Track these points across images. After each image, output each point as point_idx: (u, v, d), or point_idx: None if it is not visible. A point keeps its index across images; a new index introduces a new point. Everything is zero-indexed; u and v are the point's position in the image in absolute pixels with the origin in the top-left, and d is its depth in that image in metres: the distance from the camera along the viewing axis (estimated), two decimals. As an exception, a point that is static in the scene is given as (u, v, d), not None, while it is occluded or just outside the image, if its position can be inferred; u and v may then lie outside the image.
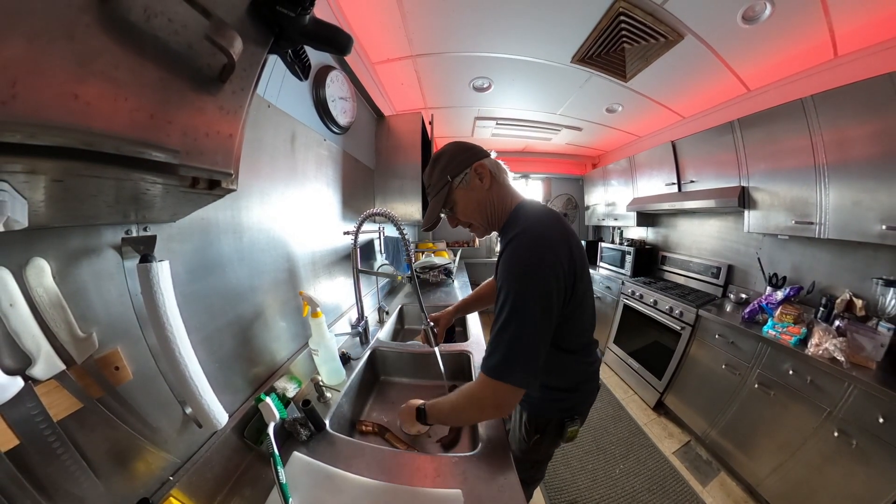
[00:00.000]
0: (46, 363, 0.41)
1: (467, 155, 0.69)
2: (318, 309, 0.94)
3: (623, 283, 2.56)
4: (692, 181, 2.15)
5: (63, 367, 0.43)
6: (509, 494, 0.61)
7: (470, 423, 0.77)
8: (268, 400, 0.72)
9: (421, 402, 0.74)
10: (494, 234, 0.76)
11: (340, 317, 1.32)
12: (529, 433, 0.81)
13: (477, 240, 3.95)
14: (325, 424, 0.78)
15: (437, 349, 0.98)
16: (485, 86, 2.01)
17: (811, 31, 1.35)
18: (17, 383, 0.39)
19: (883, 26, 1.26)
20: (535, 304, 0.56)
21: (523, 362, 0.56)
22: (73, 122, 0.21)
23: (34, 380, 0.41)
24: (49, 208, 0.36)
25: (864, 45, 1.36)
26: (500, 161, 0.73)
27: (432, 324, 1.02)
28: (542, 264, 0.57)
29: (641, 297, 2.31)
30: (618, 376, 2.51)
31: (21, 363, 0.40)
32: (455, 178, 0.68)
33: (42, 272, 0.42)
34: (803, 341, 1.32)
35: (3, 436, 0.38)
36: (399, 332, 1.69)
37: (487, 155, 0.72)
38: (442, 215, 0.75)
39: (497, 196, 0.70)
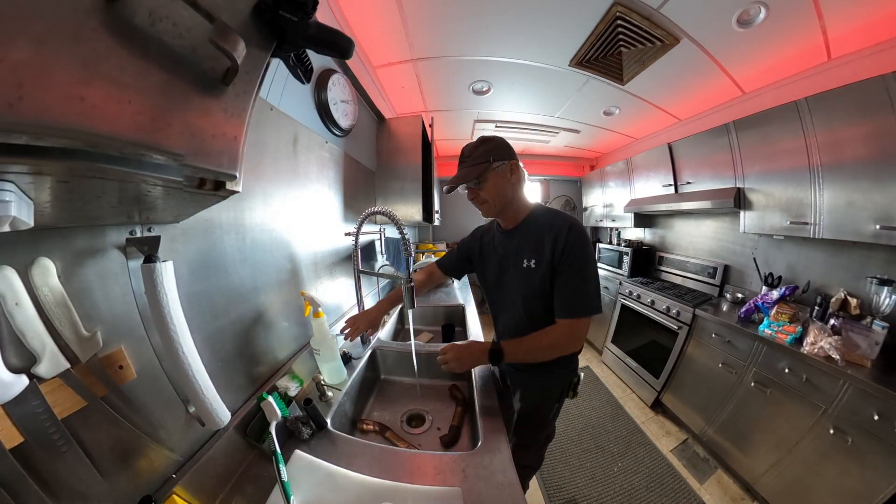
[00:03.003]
0: (51, 361, 0.42)
1: (510, 151, 0.86)
2: (320, 309, 0.94)
3: (621, 284, 2.57)
4: (688, 182, 2.17)
5: (67, 365, 0.43)
6: (509, 492, 0.62)
7: (545, 359, 0.86)
8: (270, 399, 0.72)
9: (486, 343, 0.86)
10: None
11: (342, 317, 1.32)
12: (551, 394, 0.96)
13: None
14: (326, 423, 0.79)
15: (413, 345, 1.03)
16: (484, 89, 2.02)
17: (805, 35, 1.37)
18: (22, 381, 0.39)
19: (875, 29, 1.28)
20: (594, 260, 0.81)
21: (599, 301, 0.80)
22: (78, 125, 0.21)
23: (39, 378, 0.41)
24: (54, 209, 0.37)
25: (857, 47, 1.38)
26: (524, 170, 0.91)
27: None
28: (589, 242, 0.82)
29: (639, 296, 2.32)
30: (616, 375, 2.52)
31: (26, 361, 0.41)
32: (496, 162, 0.82)
33: (47, 272, 0.42)
34: (799, 340, 1.34)
35: (7, 433, 0.38)
36: (400, 332, 1.69)
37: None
38: (462, 189, 0.87)
39: (515, 192, 0.87)
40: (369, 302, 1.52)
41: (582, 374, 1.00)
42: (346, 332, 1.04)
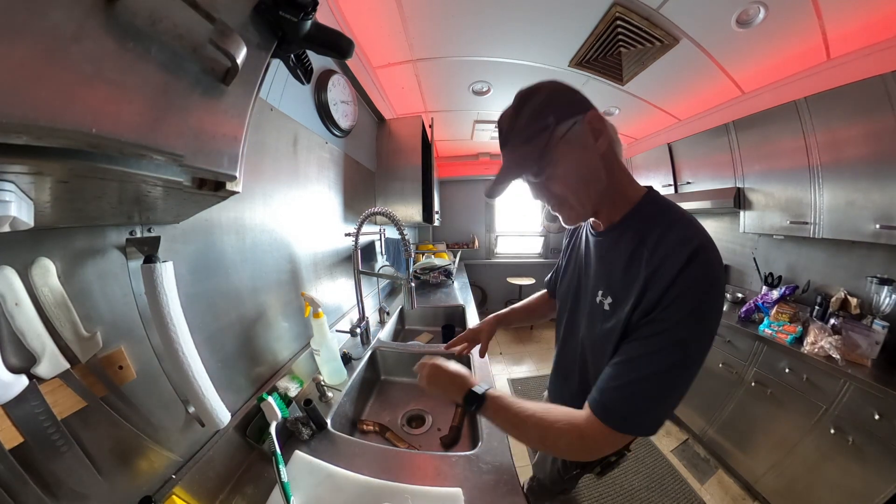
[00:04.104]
0: (51, 362, 0.42)
1: (578, 97, 0.48)
2: (320, 309, 0.94)
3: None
4: (688, 182, 2.17)
5: (67, 365, 0.43)
6: (509, 492, 0.61)
7: (534, 448, 0.66)
8: (270, 399, 0.72)
9: (475, 382, 0.57)
10: (493, 236, 0.64)
11: (342, 317, 1.32)
12: (569, 468, 0.74)
13: (476, 241, 3.96)
14: (326, 423, 0.79)
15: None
16: (484, 90, 2.02)
17: (804, 35, 1.37)
18: (22, 381, 0.39)
19: (874, 29, 1.28)
20: (703, 352, 0.43)
21: (663, 413, 0.44)
22: (78, 125, 0.21)
23: (39, 378, 0.41)
24: (54, 209, 0.37)
25: (856, 47, 1.38)
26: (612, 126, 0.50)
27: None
28: (720, 300, 0.43)
29: (640, 297, 2.32)
30: (617, 376, 2.51)
31: (26, 362, 0.41)
32: (562, 123, 0.45)
33: (47, 272, 0.42)
34: (799, 339, 1.34)
35: (7, 433, 0.38)
36: (400, 333, 1.69)
37: (597, 111, 0.48)
38: (514, 181, 0.51)
39: (610, 169, 0.49)
40: (369, 302, 1.52)
41: (627, 454, 0.67)
42: (459, 348, 0.91)
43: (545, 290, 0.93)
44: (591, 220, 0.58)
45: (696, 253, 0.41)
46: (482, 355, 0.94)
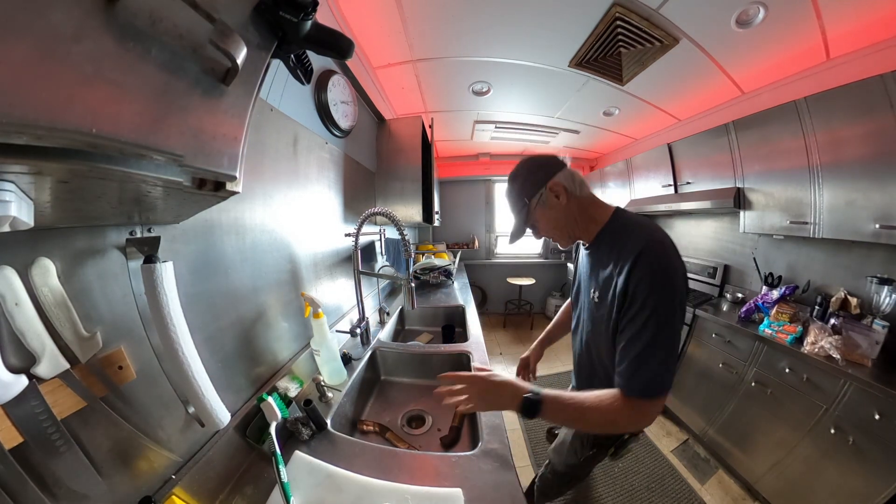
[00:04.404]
0: (51, 362, 0.42)
1: (541, 174, 0.69)
2: (320, 310, 0.94)
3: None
4: (688, 183, 2.17)
5: (67, 365, 0.43)
6: (509, 493, 0.61)
7: (596, 432, 0.78)
8: (270, 399, 0.72)
9: (523, 387, 0.62)
10: (493, 236, 0.81)
11: (342, 317, 1.32)
12: (584, 448, 0.85)
13: (476, 241, 3.98)
14: (326, 424, 0.79)
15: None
16: (484, 90, 2.03)
17: (804, 35, 1.37)
18: (22, 381, 0.39)
19: (874, 29, 1.28)
20: (676, 317, 0.57)
21: (670, 375, 0.57)
22: (78, 125, 0.21)
23: (38, 378, 0.41)
24: (55, 209, 0.37)
25: (856, 47, 1.38)
26: (575, 171, 0.71)
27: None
28: (677, 274, 0.58)
29: (640, 297, 2.31)
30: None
31: (26, 362, 0.41)
32: (531, 199, 0.69)
33: (47, 272, 0.42)
34: (799, 339, 1.33)
35: (7, 433, 0.38)
36: (400, 333, 1.69)
37: (563, 166, 0.69)
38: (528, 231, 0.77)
39: (578, 209, 0.70)
40: (369, 303, 1.53)
41: (639, 436, 0.82)
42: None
43: (569, 301, 1.05)
44: (580, 240, 0.77)
45: (640, 253, 0.58)
46: (534, 377, 1.08)
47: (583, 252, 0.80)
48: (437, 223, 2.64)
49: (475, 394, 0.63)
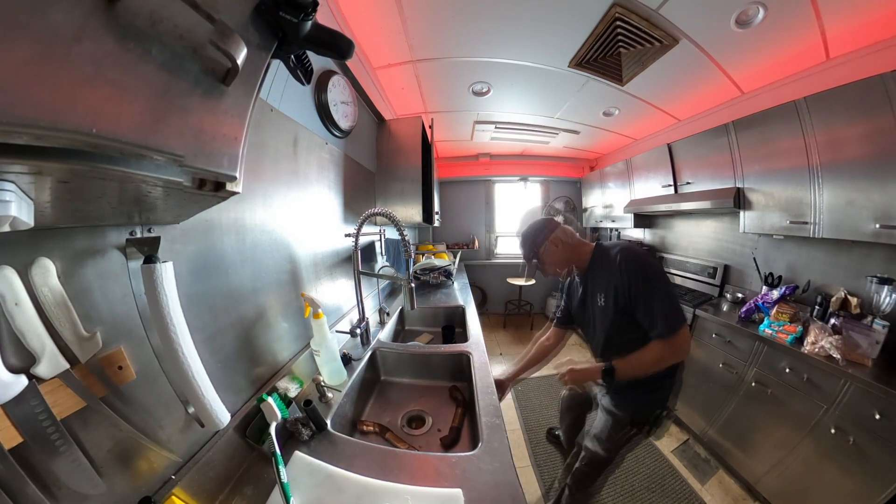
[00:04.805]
0: (50, 362, 0.42)
1: (542, 232, 1.04)
2: (320, 310, 0.94)
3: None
4: (688, 183, 2.17)
5: (67, 365, 0.43)
6: (509, 493, 0.61)
7: (653, 372, 0.95)
8: (270, 400, 0.72)
9: (598, 364, 0.97)
10: (493, 236, 0.91)
11: (342, 318, 1.32)
12: (622, 428, 1.05)
13: (476, 242, 3.99)
14: (326, 424, 0.78)
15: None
16: (484, 90, 2.03)
17: (803, 35, 1.37)
18: (22, 381, 0.39)
19: (873, 29, 1.28)
20: (661, 276, 0.92)
21: (680, 312, 0.88)
22: (79, 125, 0.21)
23: (38, 378, 0.41)
24: (55, 209, 0.37)
25: (856, 47, 1.38)
26: (566, 227, 1.07)
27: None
28: (645, 255, 0.95)
29: (640, 297, 2.31)
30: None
31: (25, 361, 0.41)
32: (539, 251, 1.04)
33: (47, 272, 0.42)
34: (799, 339, 1.33)
35: (7, 433, 0.38)
36: (400, 333, 1.69)
37: (557, 225, 1.06)
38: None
39: (571, 250, 1.05)
40: (369, 303, 1.53)
41: (671, 414, 1.03)
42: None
43: (552, 329, 1.29)
44: (576, 269, 1.09)
45: (617, 253, 0.94)
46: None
47: (577, 278, 1.11)
48: (437, 223, 2.64)
49: (571, 379, 0.99)
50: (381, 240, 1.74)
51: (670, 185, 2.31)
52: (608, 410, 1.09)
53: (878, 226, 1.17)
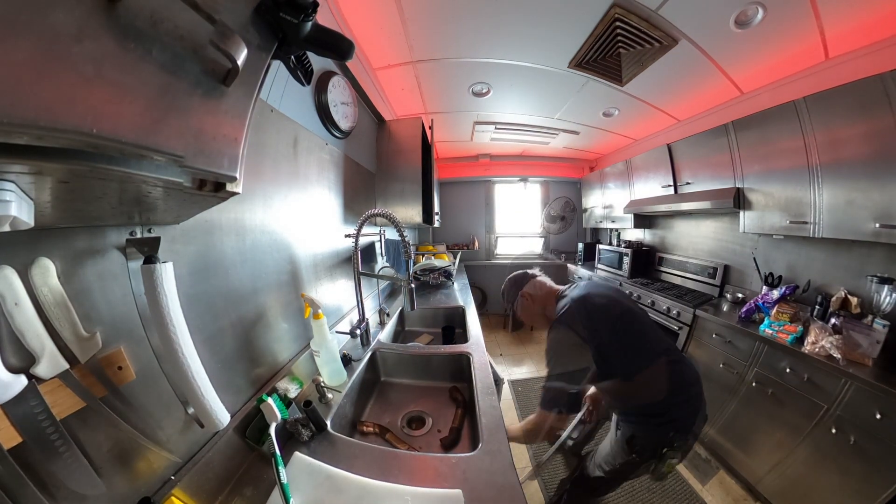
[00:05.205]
0: (50, 362, 0.42)
1: (516, 288, 1.13)
2: (320, 311, 0.94)
3: (621, 285, 2.57)
4: (688, 183, 2.17)
5: (66, 366, 0.43)
6: (510, 493, 0.61)
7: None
8: (269, 400, 0.72)
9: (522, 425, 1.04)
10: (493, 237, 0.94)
11: (342, 318, 1.32)
12: (626, 451, 1.00)
13: (476, 242, 3.99)
14: (326, 425, 0.78)
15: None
16: (484, 91, 2.03)
17: (802, 35, 1.37)
18: (21, 381, 0.39)
19: (873, 28, 1.28)
20: (557, 350, 1.03)
21: (553, 389, 1.00)
22: (79, 125, 0.21)
23: (38, 378, 0.41)
24: (55, 209, 0.37)
25: (855, 47, 1.39)
26: (537, 280, 1.15)
27: None
28: (570, 316, 1.00)
29: (639, 297, 2.31)
30: (617, 377, 2.51)
31: (25, 361, 0.41)
32: (513, 304, 1.15)
33: (47, 272, 0.42)
34: (799, 339, 1.33)
35: (6, 433, 0.38)
36: (400, 334, 1.69)
37: (530, 277, 1.15)
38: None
39: (541, 303, 1.11)
40: (369, 304, 1.52)
41: (676, 461, 0.96)
42: None
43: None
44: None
45: (553, 323, 1.04)
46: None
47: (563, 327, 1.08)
48: (436, 224, 2.64)
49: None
50: (381, 240, 1.74)
51: (670, 186, 2.31)
52: (615, 437, 1.07)
53: (877, 225, 1.17)
